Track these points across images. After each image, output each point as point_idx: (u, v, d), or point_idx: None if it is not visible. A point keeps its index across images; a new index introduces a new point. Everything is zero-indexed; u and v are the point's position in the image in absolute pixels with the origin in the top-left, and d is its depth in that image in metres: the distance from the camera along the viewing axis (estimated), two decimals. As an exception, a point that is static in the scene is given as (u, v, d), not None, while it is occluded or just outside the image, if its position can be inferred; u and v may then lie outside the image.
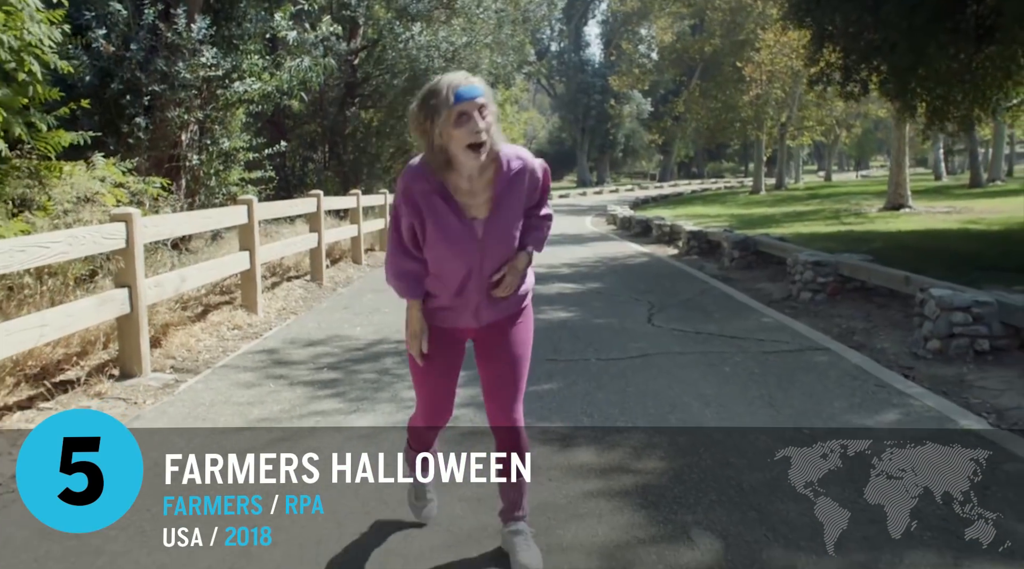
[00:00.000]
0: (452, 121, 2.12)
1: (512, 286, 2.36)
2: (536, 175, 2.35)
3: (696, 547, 2.64)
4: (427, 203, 2.25)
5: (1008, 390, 4.54)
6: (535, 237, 2.42)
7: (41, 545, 2.73)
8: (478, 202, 2.27)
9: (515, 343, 2.45)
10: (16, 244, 3.77)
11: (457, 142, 2.14)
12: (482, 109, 2.14)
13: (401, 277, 2.36)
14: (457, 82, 2.14)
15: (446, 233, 2.26)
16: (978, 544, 2.61)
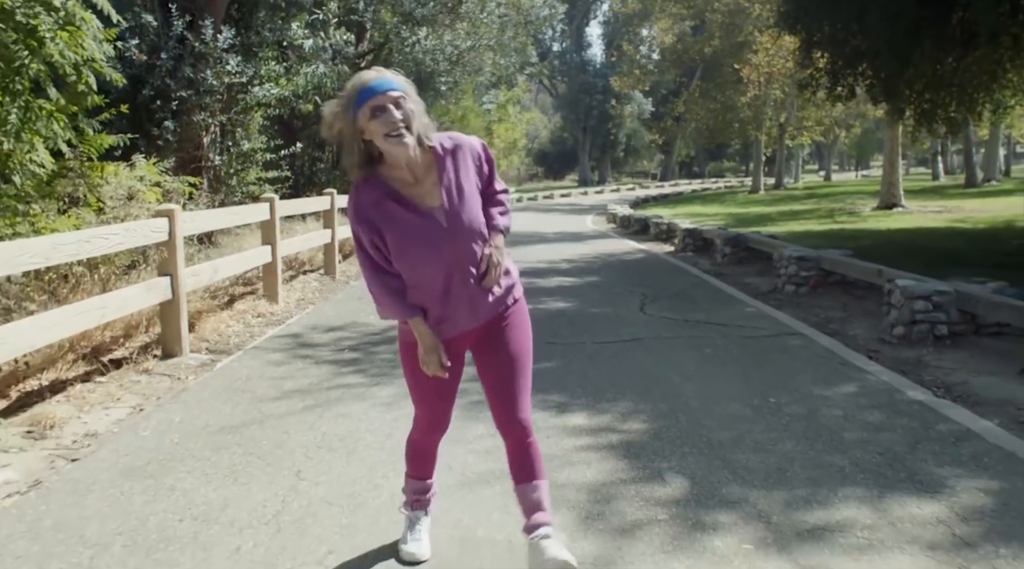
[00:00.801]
0: (368, 116, 2.10)
1: (499, 268, 2.29)
2: (476, 150, 2.31)
3: (668, 485, 3.18)
4: (380, 212, 2.20)
5: (959, 369, 5.07)
6: (500, 213, 2.36)
7: (125, 483, 3.27)
8: (427, 189, 2.22)
9: (516, 338, 2.39)
10: (84, 235, 4.32)
11: (377, 134, 2.11)
12: (398, 100, 2.11)
13: (391, 297, 2.25)
14: (367, 79, 2.14)
15: (410, 232, 2.19)
16: (900, 484, 3.15)
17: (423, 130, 2.17)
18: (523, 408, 2.40)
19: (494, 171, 2.36)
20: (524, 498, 2.44)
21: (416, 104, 2.16)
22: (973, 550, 2.60)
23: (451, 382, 2.40)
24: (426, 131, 2.18)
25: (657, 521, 2.85)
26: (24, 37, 4.23)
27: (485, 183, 2.33)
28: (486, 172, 2.33)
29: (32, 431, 3.93)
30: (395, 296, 2.24)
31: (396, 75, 2.17)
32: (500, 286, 2.32)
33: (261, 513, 2.96)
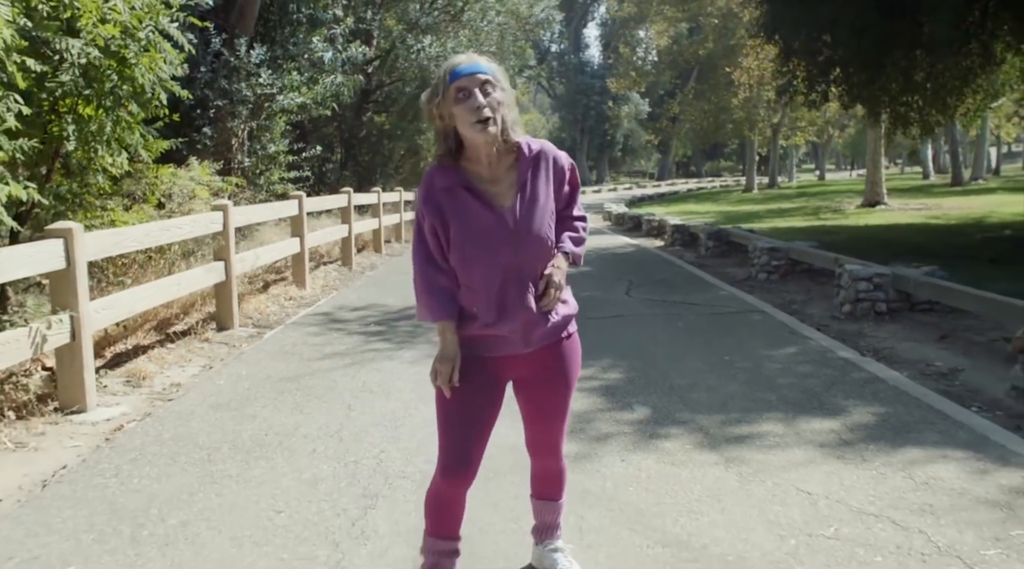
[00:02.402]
0: (452, 99, 1.98)
1: (559, 289, 2.12)
2: (561, 165, 2.17)
3: (634, 412, 4.15)
4: (450, 198, 2.05)
5: (890, 338, 6.04)
6: (572, 238, 2.20)
7: (215, 414, 4.24)
8: (502, 189, 2.07)
9: (566, 375, 2.22)
10: (165, 225, 5.30)
11: (461, 120, 1.98)
12: (485, 85, 1.98)
13: (432, 293, 2.08)
14: (457, 61, 2.02)
15: (474, 226, 2.03)
16: (811, 410, 4.12)
17: (510, 123, 2.03)
18: (560, 444, 2.33)
19: (576, 195, 2.22)
20: (541, 513, 2.43)
21: (505, 93, 2.02)
22: (851, 447, 3.57)
23: (487, 412, 2.14)
24: (512, 125, 2.04)
25: (624, 433, 3.82)
26: (116, 64, 5.19)
27: (563, 203, 2.19)
28: (566, 192, 2.19)
29: (130, 381, 4.90)
30: (436, 292, 2.08)
31: (489, 60, 2.05)
32: (558, 314, 2.14)
33: (325, 430, 3.93)
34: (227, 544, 2.75)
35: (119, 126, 5.35)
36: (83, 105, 5.32)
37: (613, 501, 3.04)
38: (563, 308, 2.17)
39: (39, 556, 2.68)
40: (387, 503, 3.05)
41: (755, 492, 3.10)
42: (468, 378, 2.09)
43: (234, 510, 3.02)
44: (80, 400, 4.20)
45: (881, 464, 3.35)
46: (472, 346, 2.11)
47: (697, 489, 3.15)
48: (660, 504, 3.01)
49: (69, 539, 2.80)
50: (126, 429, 4.03)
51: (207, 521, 2.93)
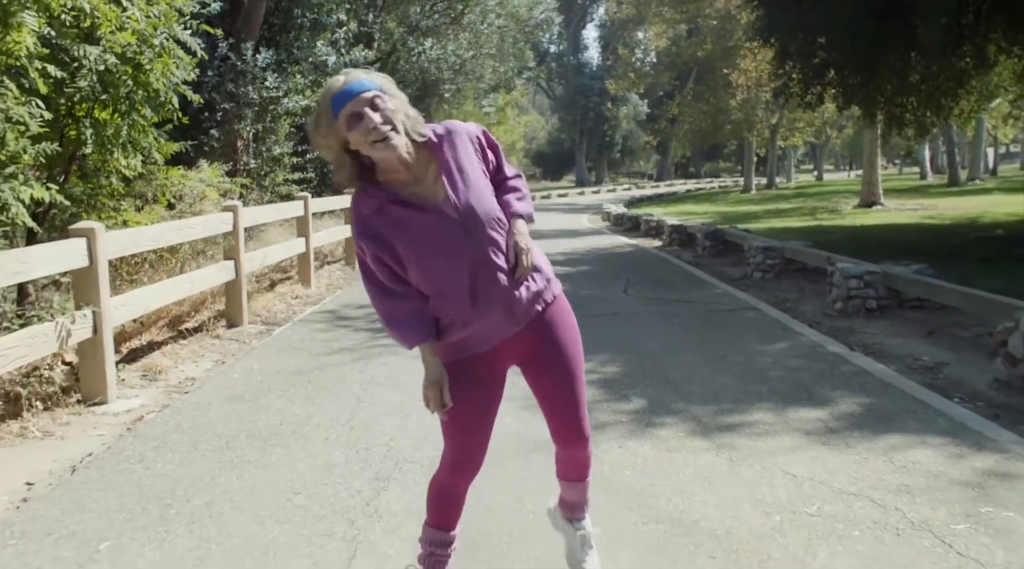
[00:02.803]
0: (344, 127, 1.88)
1: (528, 255, 2.03)
2: (473, 134, 2.08)
3: (631, 403, 4.34)
4: (384, 219, 1.96)
5: (880, 334, 6.23)
6: (517, 199, 2.11)
7: (231, 405, 4.43)
8: (429, 185, 1.99)
9: (565, 345, 2.16)
10: (177, 225, 5.50)
11: (360, 144, 1.89)
12: (374, 101, 1.88)
13: (398, 322, 2.03)
14: (336, 86, 1.92)
15: (421, 233, 1.95)
16: (800, 401, 4.32)
17: (410, 125, 1.96)
18: (584, 424, 2.24)
19: (501, 156, 2.15)
20: (568, 491, 2.40)
21: (397, 99, 1.95)
22: (836, 434, 3.76)
23: (489, 410, 2.12)
24: (414, 125, 1.97)
25: (621, 422, 4.02)
26: (131, 69, 5.38)
27: (493, 170, 2.12)
28: (492, 159, 2.12)
29: (146, 375, 5.10)
30: (403, 319, 2.01)
31: (368, 73, 1.96)
32: (534, 281, 2.07)
33: (336, 420, 4.13)
34: (250, 521, 2.94)
35: (134, 129, 5.54)
36: (99, 109, 5.51)
37: (611, 483, 3.23)
38: (537, 274, 2.10)
39: (75, 532, 2.88)
40: (398, 485, 3.24)
41: (744, 475, 3.30)
42: (465, 381, 2.06)
43: (254, 492, 3.22)
44: (102, 392, 4.39)
45: (863, 449, 3.55)
46: (464, 348, 2.05)
47: (689, 472, 3.34)
48: (655, 486, 3.20)
49: (101, 518, 3.00)
50: (146, 419, 4.22)
51: (230, 501, 3.12)
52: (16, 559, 2.69)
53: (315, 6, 10.54)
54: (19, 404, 4.10)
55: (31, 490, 3.33)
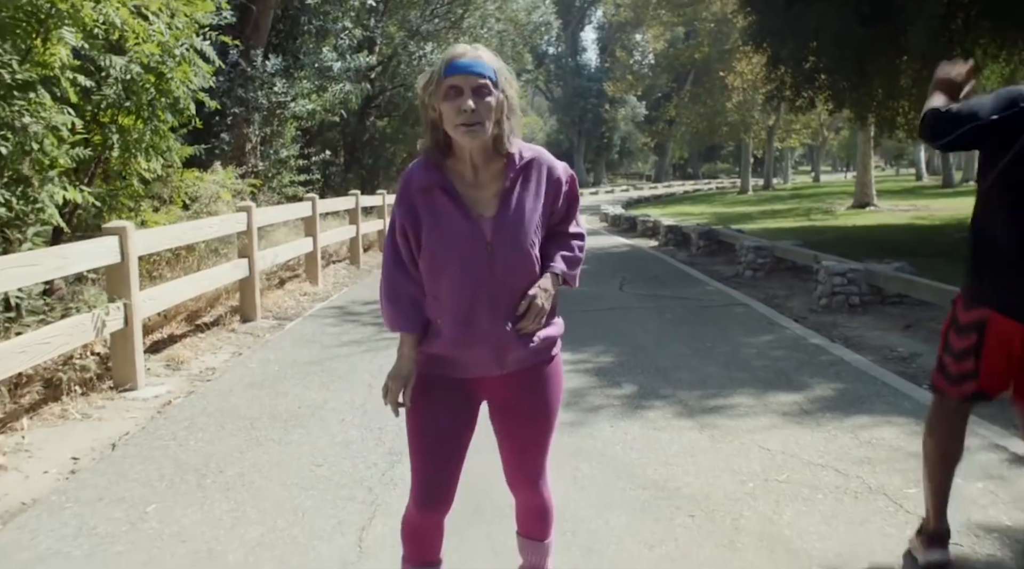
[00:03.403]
0: (442, 95, 1.81)
1: (541, 313, 1.91)
2: (557, 176, 1.96)
3: (623, 388, 4.69)
4: (426, 199, 1.88)
5: (860, 328, 6.58)
6: (564, 257, 1.98)
7: (251, 391, 4.77)
8: (485, 197, 1.90)
9: (546, 403, 2.03)
10: (197, 224, 5.85)
11: (447, 119, 1.82)
12: (480, 88, 1.80)
13: (396, 300, 1.93)
14: (457, 53, 1.84)
15: (446, 231, 1.86)
16: (779, 386, 4.66)
17: (506, 131, 1.87)
18: (541, 474, 2.12)
19: (575, 210, 2.03)
20: (526, 553, 2.25)
21: (506, 98, 1.85)
22: (809, 415, 4.11)
23: (461, 437, 1.99)
24: (510, 133, 1.88)
25: (613, 405, 4.36)
26: (154, 78, 5.72)
27: (559, 218, 1.99)
28: (562, 206, 1.99)
29: (169, 364, 5.44)
30: (401, 300, 1.92)
31: (494, 58, 1.86)
32: (538, 338, 1.94)
33: (351, 404, 4.47)
34: (278, 488, 3.28)
35: (156, 134, 5.88)
36: (123, 116, 5.86)
37: (603, 457, 3.58)
38: (545, 332, 1.96)
39: (123, 498, 3.22)
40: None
41: (723, 449, 3.64)
42: (438, 401, 1.94)
43: (280, 465, 3.56)
44: (132, 379, 4.73)
45: (833, 427, 3.90)
46: (441, 365, 1.93)
47: (674, 447, 3.69)
48: (642, 459, 3.55)
49: (145, 486, 3.34)
50: (174, 404, 4.57)
51: (259, 472, 3.46)
52: (75, 519, 3.03)
53: (321, 13, 10.89)
54: (59, 389, 4.44)
55: (77, 464, 3.67)
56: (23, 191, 4.56)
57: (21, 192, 4.54)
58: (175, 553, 2.75)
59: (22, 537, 2.90)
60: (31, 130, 4.41)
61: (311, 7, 10.87)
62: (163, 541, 2.84)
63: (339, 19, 11.34)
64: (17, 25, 4.44)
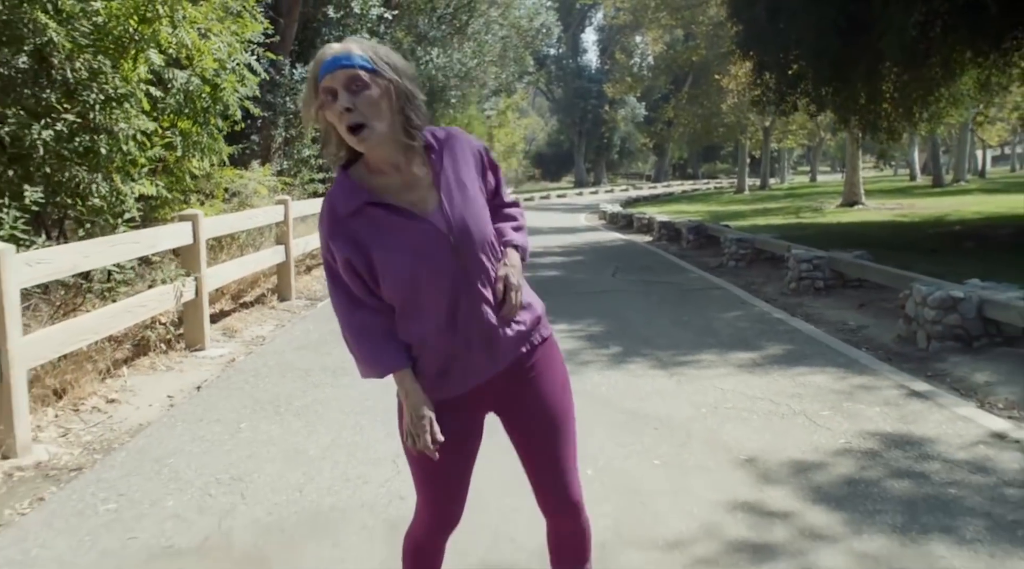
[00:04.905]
0: (322, 103, 1.62)
1: (519, 292, 1.78)
2: (476, 148, 1.82)
3: (609, 349, 5.64)
4: (364, 221, 1.68)
5: (821, 307, 7.52)
6: (514, 229, 1.89)
7: (299, 352, 5.73)
8: (421, 193, 1.72)
9: (552, 391, 1.87)
10: (246, 214, 6.82)
11: (338, 128, 1.63)
12: (352, 81, 1.59)
13: (369, 339, 1.73)
14: (325, 54, 1.64)
15: (403, 245, 1.67)
16: (740, 349, 5.61)
17: (410, 118, 1.68)
18: (574, 488, 1.92)
19: (500, 179, 1.91)
20: None
21: (395, 80, 1.65)
22: (760, 366, 5.06)
23: (464, 465, 1.87)
24: (412, 120, 1.68)
25: (600, 360, 5.31)
26: (210, 89, 6.67)
27: (491, 193, 1.87)
28: (491, 180, 1.87)
29: (226, 333, 6.39)
30: (378, 340, 1.74)
31: (368, 46, 1.66)
32: (522, 320, 1.82)
33: (385, 361, 5.40)
34: (338, 414, 4.23)
35: (211, 137, 6.83)
36: (182, 121, 6.80)
37: (591, 395, 4.52)
38: (526, 313, 1.83)
39: (219, 419, 4.17)
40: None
41: (686, 389, 4.59)
42: (441, 426, 1.75)
43: (336, 400, 4.51)
44: (201, 341, 5.69)
45: (776, 375, 4.85)
46: (436, 387, 1.76)
47: (647, 388, 4.64)
48: (622, 396, 4.50)
49: (233, 413, 4.29)
50: (238, 361, 5.52)
51: (320, 404, 4.41)
52: (186, 432, 3.98)
53: (341, 26, 11.84)
54: (146, 347, 5.39)
55: (173, 400, 4.62)
56: (113, 186, 5.51)
57: (112, 187, 5.48)
58: (269, 451, 3.71)
59: (150, 443, 3.86)
60: (122, 135, 5.35)
61: (332, 20, 11.84)
62: (258, 444, 3.80)
63: (358, 31, 12.28)
64: (116, 48, 5.38)
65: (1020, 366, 4.88)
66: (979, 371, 4.89)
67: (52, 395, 4.31)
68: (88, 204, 5.43)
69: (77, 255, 4.18)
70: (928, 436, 3.70)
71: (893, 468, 3.34)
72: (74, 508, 3.12)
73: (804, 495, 3.10)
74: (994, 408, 4.22)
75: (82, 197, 5.34)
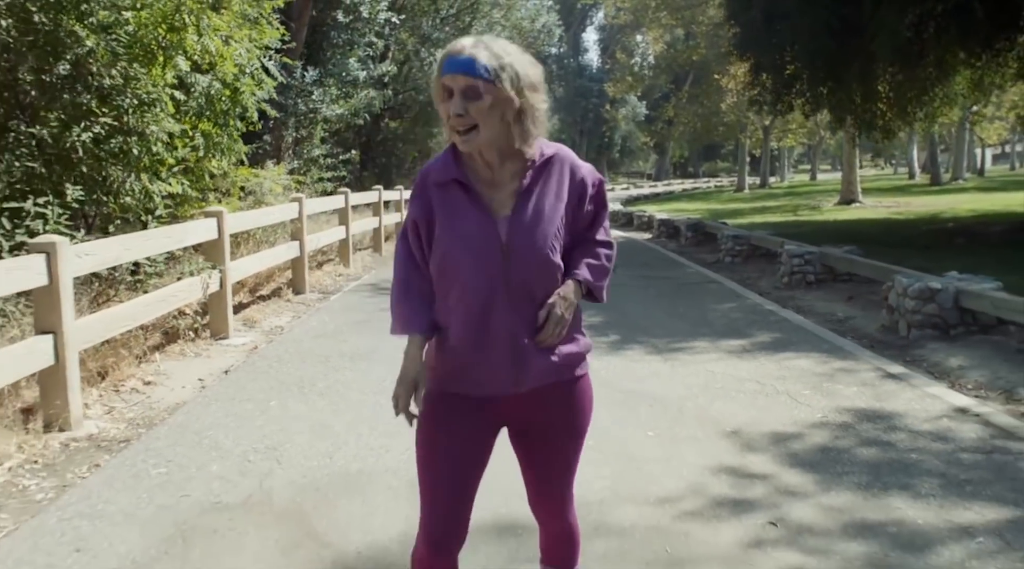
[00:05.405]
0: (438, 95, 1.67)
1: (562, 325, 1.76)
2: (581, 177, 1.80)
3: (609, 337, 6.00)
4: (442, 194, 1.74)
5: (811, 299, 7.88)
6: (589, 265, 1.82)
7: (318, 340, 6.09)
8: (503, 196, 1.74)
9: (571, 426, 1.87)
10: (263, 212, 7.20)
11: (444, 122, 1.68)
12: (470, 89, 1.62)
13: (407, 297, 1.79)
14: (454, 50, 1.66)
15: (461, 229, 1.72)
16: (731, 336, 5.97)
17: (523, 132, 1.70)
18: (567, 502, 1.98)
19: (602, 216, 1.87)
20: None
21: (516, 95, 1.66)
22: (748, 352, 5.42)
23: (476, 467, 1.84)
24: (527, 134, 1.71)
25: (600, 347, 5.67)
26: (230, 92, 7.04)
27: (585, 223, 1.83)
28: (589, 211, 1.83)
29: (246, 323, 6.76)
30: (413, 298, 1.79)
31: (501, 53, 1.66)
32: (558, 353, 1.79)
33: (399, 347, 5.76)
34: (358, 395, 4.60)
35: (230, 138, 7.20)
36: (203, 123, 7.17)
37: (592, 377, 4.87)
38: (567, 347, 1.81)
39: (249, 398, 4.54)
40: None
41: (679, 372, 4.96)
42: (455, 430, 1.77)
43: (355, 382, 4.87)
44: (225, 330, 6.05)
45: (764, 359, 5.22)
46: (452, 380, 1.78)
47: (643, 372, 5.00)
48: (620, 378, 4.86)
49: (261, 393, 4.66)
50: (260, 348, 5.89)
51: (341, 386, 4.78)
52: (219, 410, 4.35)
53: (350, 29, 12.23)
54: (175, 335, 5.75)
55: (204, 383, 4.99)
56: (143, 185, 5.88)
57: (142, 186, 5.85)
58: (298, 425, 4.07)
59: (188, 419, 4.23)
60: (152, 137, 5.72)
61: (341, 24, 12.23)
62: (287, 419, 4.16)
63: (366, 34, 12.67)
64: (145, 55, 5.75)
65: (992, 352, 5.24)
66: (954, 356, 5.25)
67: (96, 377, 4.68)
68: (120, 202, 5.79)
69: (119, 248, 4.55)
70: (898, 411, 4.07)
71: (863, 438, 3.71)
72: (129, 472, 3.49)
73: (782, 460, 3.46)
74: (963, 388, 4.59)
75: (115, 195, 5.71)
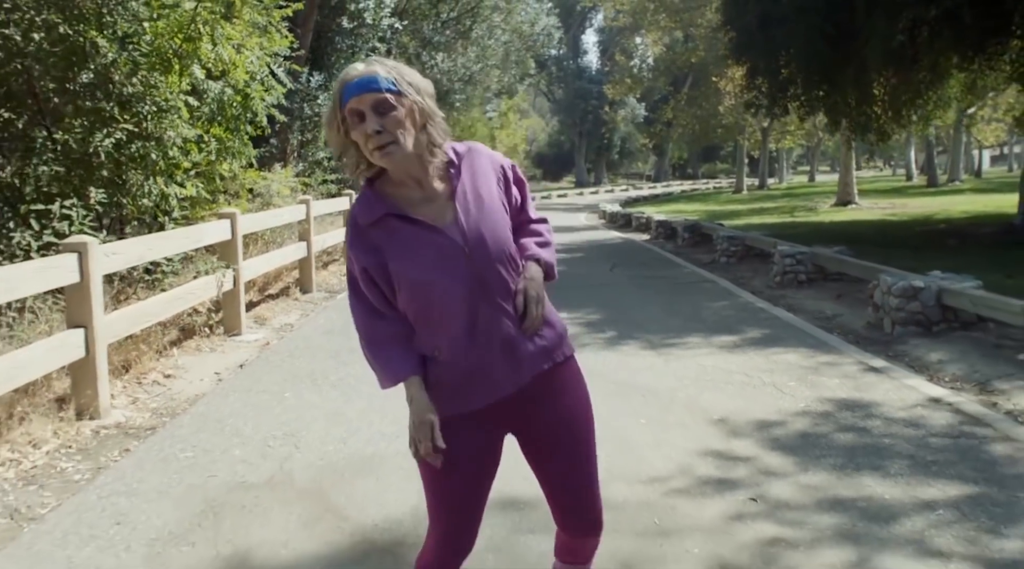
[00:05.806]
0: (348, 123, 1.68)
1: (540, 303, 1.79)
2: (499, 163, 1.87)
3: (606, 333, 6.26)
4: (380, 233, 1.74)
5: (802, 298, 8.14)
6: (538, 244, 1.90)
7: (327, 336, 6.36)
8: (439, 205, 1.76)
9: (574, 414, 1.90)
10: (273, 214, 7.46)
11: (363, 148, 1.68)
12: (380, 103, 1.65)
13: (382, 347, 1.79)
14: (350, 75, 1.69)
15: (417, 254, 1.71)
16: (724, 332, 6.24)
17: (431, 135, 1.74)
18: (597, 507, 1.95)
19: (527, 195, 1.94)
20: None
21: (418, 101, 1.70)
22: (738, 347, 5.69)
23: (479, 487, 1.85)
24: (432, 139, 1.74)
25: (597, 343, 5.94)
26: (241, 98, 7.30)
27: (515, 209, 1.90)
28: (516, 195, 1.90)
29: (257, 320, 7.02)
30: (393, 347, 1.78)
31: (392, 67, 1.71)
32: (545, 336, 1.83)
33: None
34: (370, 388, 4.82)
35: (241, 142, 7.47)
36: (215, 128, 7.43)
37: (588, 370, 5.10)
38: (548, 330, 1.85)
39: (265, 390, 4.80)
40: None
41: (672, 365, 5.23)
42: (460, 444, 1.77)
43: (365, 375, 5.06)
44: (238, 327, 6.32)
45: (753, 353, 5.48)
46: (453, 401, 1.77)
47: (638, 365, 5.27)
48: (615, 370, 5.13)
49: (276, 384, 4.92)
50: (272, 344, 6.15)
51: (352, 378, 5.04)
52: (237, 400, 4.62)
53: (354, 35, 12.48)
54: (191, 331, 6.02)
55: (221, 376, 5.25)
56: (160, 188, 6.14)
57: (159, 189, 6.12)
58: (313, 414, 4.34)
59: (209, 409, 4.49)
60: (169, 142, 5.99)
61: (345, 30, 12.49)
62: (303, 408, 4.43)
63: (369, 40, 12.93)
64: (162, 63, 6.02)
65: (971, 347, 5.51)
66: (934, 351, 5.52)
67: (120, 370, 4.95)
68: (138, 204, 6.06)
69: (143, 247, 4.82)
70: (876, 401, 4.34)
71: (841, 424, 3.97)
72: (158, 455, 3.75)
73: (764, 445, 3.73)
74: (940, 381, 4.86)
75: (134, 198, 5.98)
